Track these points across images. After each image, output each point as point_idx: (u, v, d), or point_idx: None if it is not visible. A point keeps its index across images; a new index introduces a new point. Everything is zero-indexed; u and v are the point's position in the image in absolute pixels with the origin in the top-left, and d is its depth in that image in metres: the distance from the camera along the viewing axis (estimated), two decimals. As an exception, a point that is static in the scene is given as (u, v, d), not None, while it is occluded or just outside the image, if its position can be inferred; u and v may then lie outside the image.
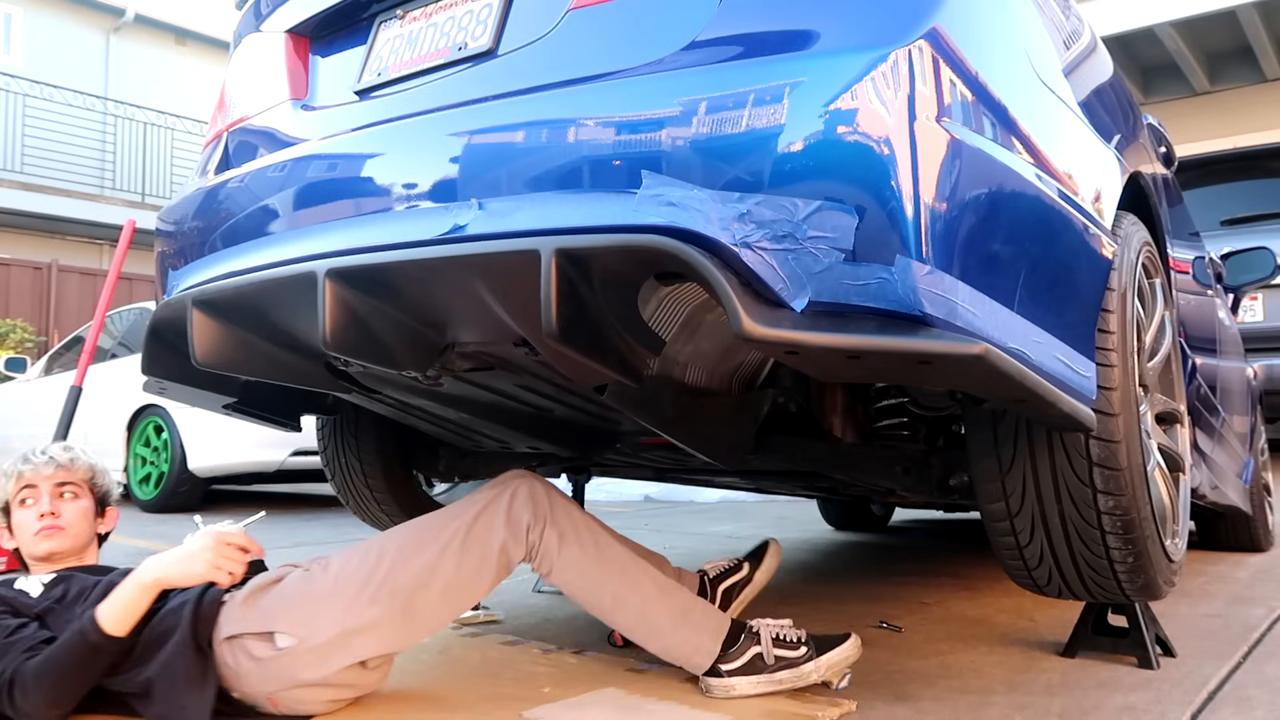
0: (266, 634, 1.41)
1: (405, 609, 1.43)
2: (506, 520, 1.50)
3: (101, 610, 1.34)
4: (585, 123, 1.30)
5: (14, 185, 12.68)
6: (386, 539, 1.50)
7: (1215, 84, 9.58)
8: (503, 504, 1.51)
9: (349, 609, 1.41)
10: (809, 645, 1.57)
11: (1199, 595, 2.52)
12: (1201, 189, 5.34)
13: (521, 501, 1.52)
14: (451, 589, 1.47)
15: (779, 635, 1.57)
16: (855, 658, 1.58)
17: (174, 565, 1.38)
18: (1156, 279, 1.95)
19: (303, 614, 1.41)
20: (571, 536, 1.53)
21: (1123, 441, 1.52)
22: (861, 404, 1.91)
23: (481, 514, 1.50)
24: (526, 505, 1.52)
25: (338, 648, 1.41)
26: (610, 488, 6.33)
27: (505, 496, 1.52)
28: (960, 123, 1.22)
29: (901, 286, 1.13)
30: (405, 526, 1.53)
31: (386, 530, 1.56)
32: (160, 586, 1.38)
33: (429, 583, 1.44)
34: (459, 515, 1.51)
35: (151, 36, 16.40)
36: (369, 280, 1.48)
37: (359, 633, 1.41)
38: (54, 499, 1.63)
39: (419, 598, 1.44)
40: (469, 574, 1.47)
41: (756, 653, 1.54)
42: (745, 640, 1.55)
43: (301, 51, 1.92)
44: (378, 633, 1.43)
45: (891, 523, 4.66)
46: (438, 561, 1.45)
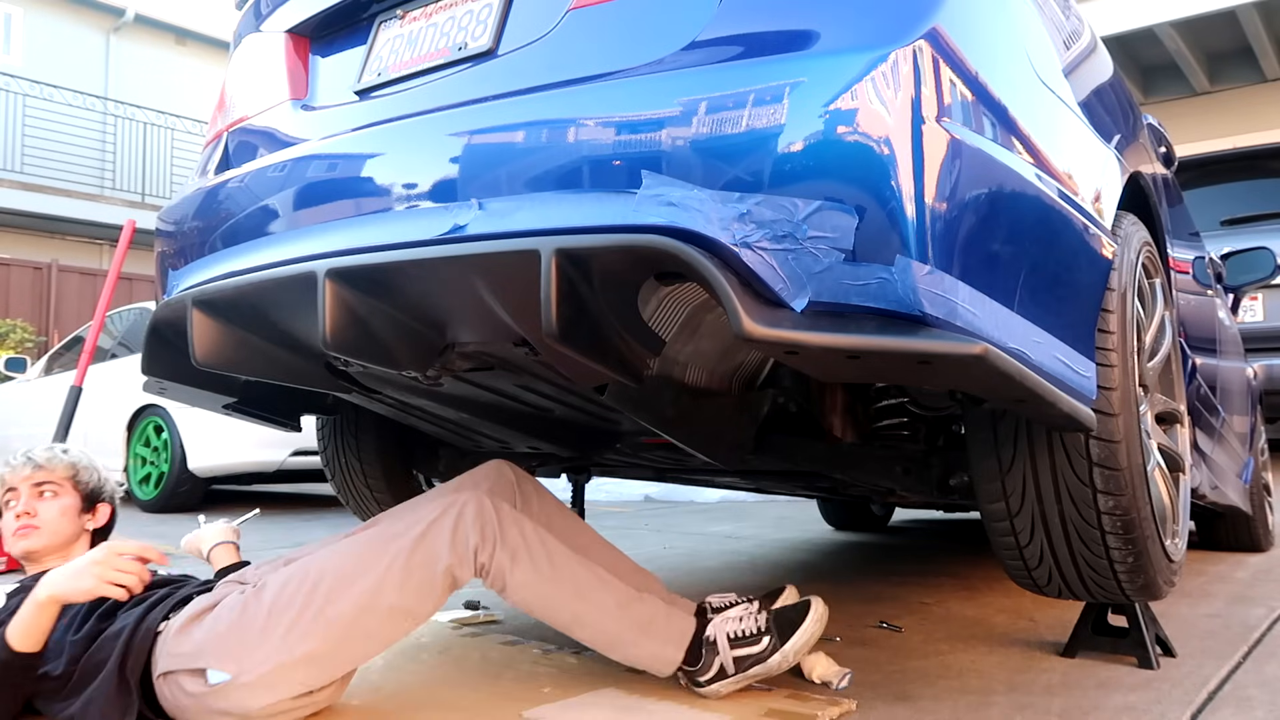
0: (199, 670, 1.34)
1: (343, 638, 1.36)
2: (452, 543, 1.41)
3: (10, 625, 1.31)
4: (585, 123, 1.30)
5: (14, 185, 12.68)
6: (325, 561, 1.41)
7: (1215, 84, 9.58)
8: (448, 524, 1.42)
9: (283, 642, 1.33)
10: (769, 631, 1.51)
11: (1199, 595, 2.52)
12: (1201, 189, 5.35)
13: (469, 522, 1.42)
14: (394, 615, 1.39)
15: (736, 634, 1.50)
16: (820, 631, 1.53)
17: (65, 581, 1.31)
18: (1156, 279, 1.95)
19: (235, 649, 1.33)
20: (524, 556, 1.44)
21: (1123, 441, 1.52)
22: (861, 404, 1.91)
23: (426, 535, 1.41)
24: (474, 526, 1.42)
25: (275, 681, 1.34)
26: (610, 488, 6.34)
27: (452, 515, 1.42)
28: (960, 123, 1.22)
29: (901, 286, 1.13)
30: (344, 545, 1.44)
31: (326, 547, 1.47)
32: (56, 603, 1.31)
33: (369, 609, 1.37)
34: (402, 535, 1.42)
35: (151, 36, 16.41)
36: (369, 280, 1.48)
37: (296, 666, 1.34)
38: (32, 499, 1.62)
39: (358, 625, 1.37)
40: (412, 600, 1.40)
41: (720, 665, 1.50)
42: (707, 655, 1.50)
43: (301, 51, 1.92)
44: (317, 664, 1.36)
45: (891, 523, 4.66)
46: (378, 588, 1.37)
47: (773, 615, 1.53)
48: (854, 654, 1.86)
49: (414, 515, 1.45)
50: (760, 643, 1.50)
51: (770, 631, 1.51)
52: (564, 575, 1.47)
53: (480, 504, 1.44)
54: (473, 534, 1.41)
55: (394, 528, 1.44)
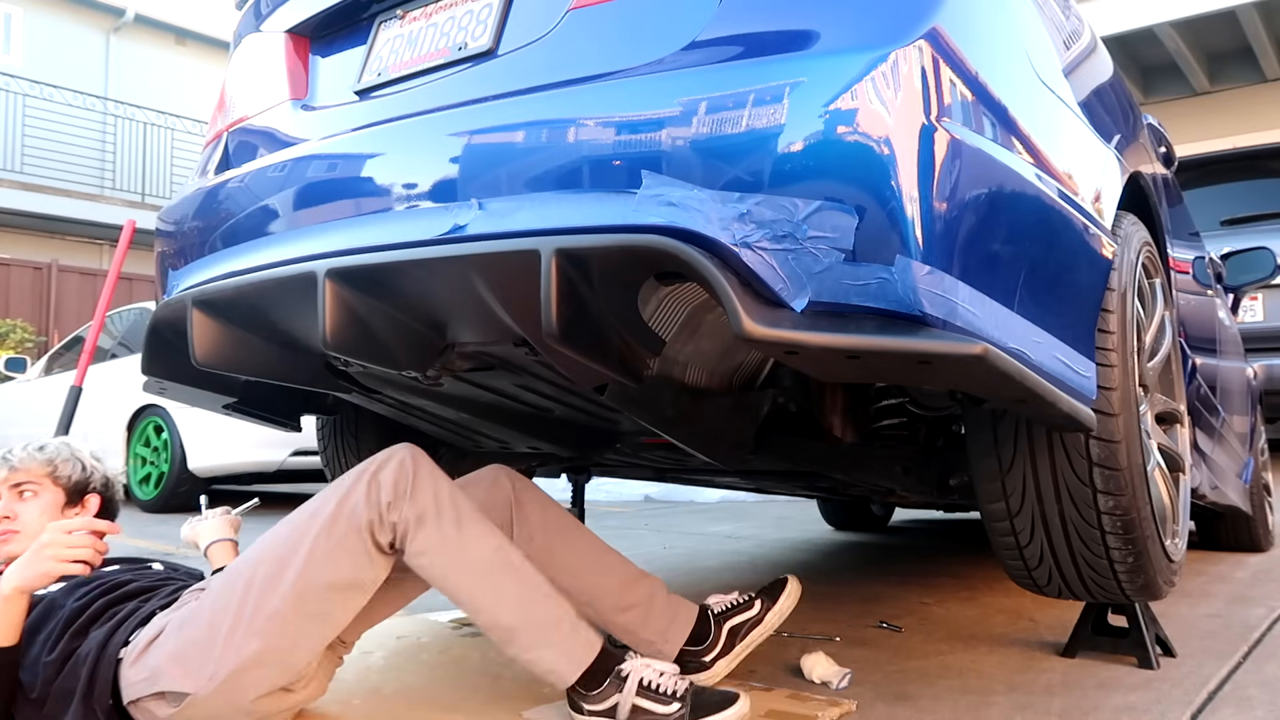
0: (162, 693, 1.30)
1: (290, 628, 1.30)
2: (367, 500, 1.32)
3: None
4: (585, 123, 1.30)
5: (14, 185, 12.68)
6: (255, 553, 1.36)
7: (1215, 84, 9.58)
8: (364, 482, 1.33)
9: (228, 648, 1.29)
10: (684, 703, 1.36)
11: (1199, 595, 2.52)
12: (1201, 189, 5.35)
13: (385, 478, 1.33)
14: (335, 591, 1.32)
15: (651, 684, 1.37)
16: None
17: (23, 570, 1.28)
18: (1156, 279, 1.95)
19: (187, 664, 1.29)
20: (430, 520, 1.33)
21: (1123, 441, 1.52)
22: (861, 404, 1.91)
23: (346, 499, 1.33)
24: (389, 483, 1.32)
25: (234, 688, 1.30)
26: (610, 488, 6.34)
27: (369, 471, 1.34)
28: (960, 123, 1.22)
29: (901, 286, 1.13)
30: (271, 535, 1.38)
31: (258, 540, 1.40)
32: (22, 593, 1.28)
33: (306, 593, 1.30)
34: (324, 506, 1.34)
35: (151, 36, 16.40)
36: (369, 280, 1.48)
37: (249, 669, 1.29)
38: (11, 501, 1.59)
39: (301, 611, 1.30)
40: (347, 570, 1.32)
41: (615, 704, 1.36)
42: (609, 685, 1.37)
43: (301, 51, 1.92)
44: (272, 662, 1.31)
45: (891, 523, 4.66)
46: (309, 567, 1.30)
47: (693, 692, 1.39)
48: (854, 654, 1.86)
49: (336, 485, 1.37)
50: (669, 706, 1.36)
51: (685, 703, 1.37)
52: (470, 550, 1.36)
53: (400, 461, 1.35)
54: (385, 490, 1.33)
55: (313, 505, 1.37)
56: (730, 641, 1.64)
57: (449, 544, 1.34)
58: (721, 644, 1.63)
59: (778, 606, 1.69)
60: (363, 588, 1.35)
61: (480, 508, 1.54)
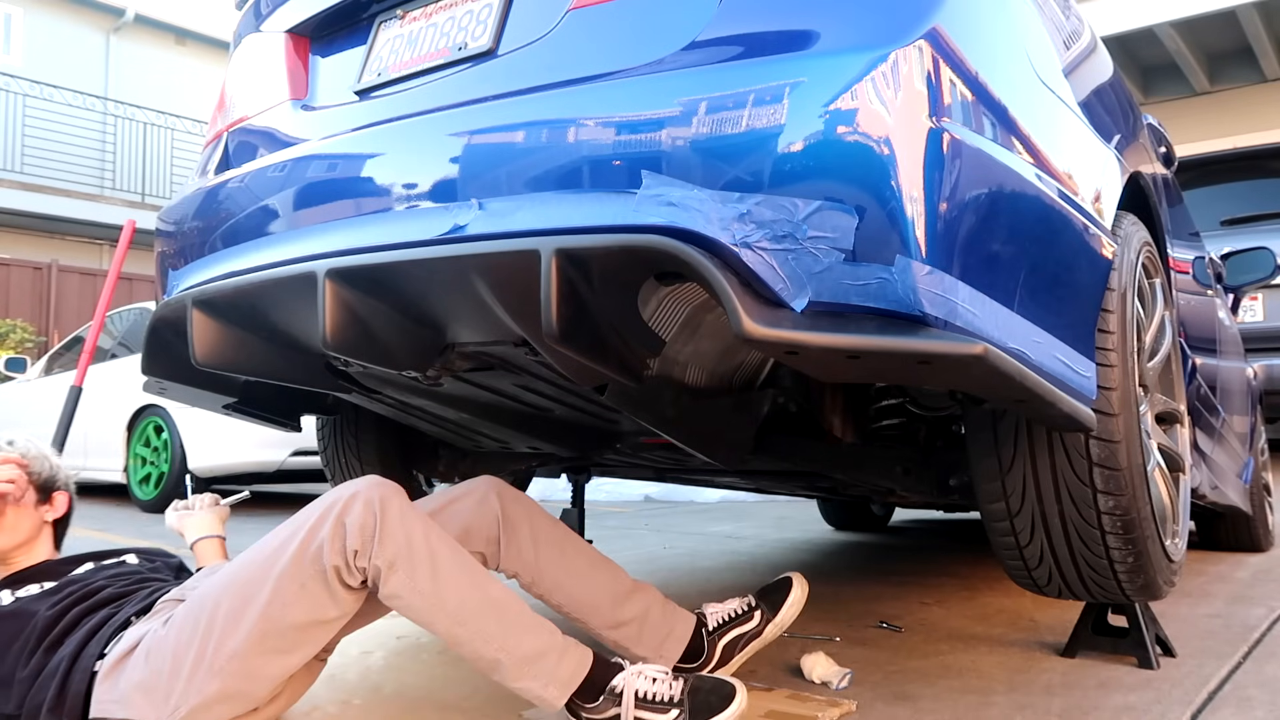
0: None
1: (252, 666, 1.29)
2: (332, 548, 1.28)
3: None
4: (585, 123, 1.30)
5: (14, 185, 12.68)
6: (217, 589, 1.32)
7: (1215, 84, 9.58)
8: (328, 527, 1.29)
9: (191, 685, 1.28)
10: (681, 707, 1.34)
11: (1199, 595, 2.52)
12: (1201, 189, 5.35)
13: (354, 519, 1.28)
14: (301, 628, 1.29)
15: (647, 694, 1.35)
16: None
17: None
18: (1156, 279, 1.95)
19: (151, 696, 1.29)
20: (402, 566, 1.30)
21: (1123, 441, 1.52)
22: (861, 404, 1.91)
23: (309, 541, 1.28)
24: (355, 524, 1.28)
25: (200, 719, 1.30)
26: (610, 488, 6.34)
27: (332, 517, 1.29)
28: (960, 123, 1.22)
29: (901, 286, 1.13)
30: (232, 566, 1.35)
31: (221, 570, 1.39)
32: None
33: (270, 631, 1.28)
34: (286, 544, 1.30)
35: (151, 36, 16.40)
36: (369, 280, 1.48)
37: (212, 705, 1.29)
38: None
39: (265, 647, 1.28)
40: (313, 610, 1.29)
41: (614, 715, 1.34)
42: (605, 701, 1.35)
43: (301, 51, 1.92)
44: (236, 697, 1.30)
45: (891, 523, 4.66)
46: (272, 608, 1.27)
47: (690, 691, 1.36)
48: (854, 654, 1.86)
49: (303, 519, 1.33)
50: (667, 715, 1.34)
51: (682, 707, 1.34)
52: (446, 595, 1.32)
53: (366, 503, 1.30)
54: (352, 537, 1.28)
55: (279, 538, 1.33)
56: (727, 654, 1.63)
57: (423, 591, 1.31)
58: (717, 658, 1.63)
59: (779, 618, 1.66)
60: (330, 623, 1.33)
61: (465, 526, 1.55)
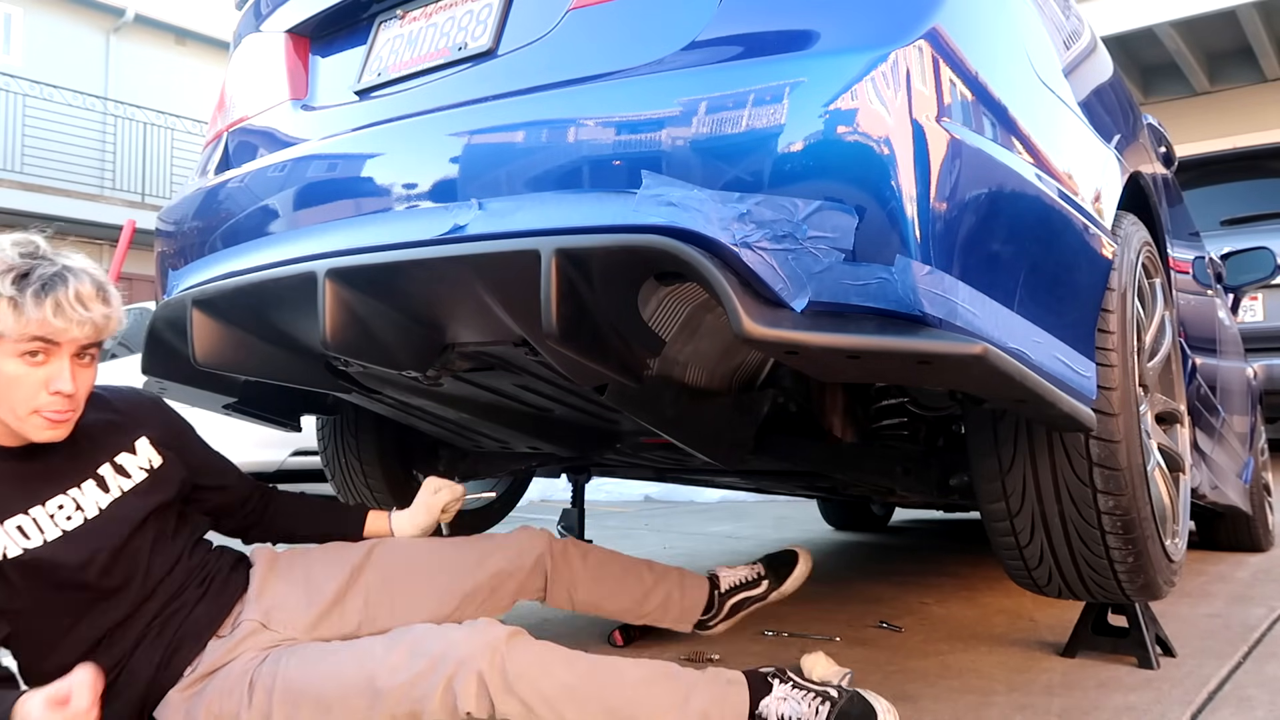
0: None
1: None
2: (441, 701, 1.20)
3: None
4: (585, 123, 1.30)
5: (14, 185, 12.67)
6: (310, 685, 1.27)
7: (1215, 84, 9.58)
8: (438, 682, 1.20)
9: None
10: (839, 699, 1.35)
11: (1199, 595, 2.52)
12: (1201, 189, 5.34)
13: (464, 688, 1.19)
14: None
15: (790, 718, 1.32)
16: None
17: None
18: (1156, 279, 1.95)
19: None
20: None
21: (1123, 441, 1.52)
22: (861, 404, 1.91)
23: (412, 687, 1.21)
24: (468, 695, 1.19)
25: None
26: (610, 488, 6.33)
27: (444, 672, 1.20)
28: (960, 123, 1.22)
29: (901, 286, 1.13)
30: (331, 667, 1.29)
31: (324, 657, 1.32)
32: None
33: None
34: (380, 682, 1.22)
35: (151, 36, 16.40)
36: (369, 280, 1.48)
37: None
38: (76, 367, 1.27)
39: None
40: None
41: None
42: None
43: (301, 51, 1.92)
44: None
45: (891, 523, 4.66)
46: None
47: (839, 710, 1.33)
48: (854, 654, 1.86)
49: (409, 647, 1.26)
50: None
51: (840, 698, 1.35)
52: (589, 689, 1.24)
53: (479, 676, 1.20)
54: (463, 702, 1.20)
55: (389, 660, 1.25)
56: (733, 612, 1.89)
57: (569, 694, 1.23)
58: (724, 614, 1.89)
59: (783, 588, 1.92)
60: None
61: (505, 571, 1.60)
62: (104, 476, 1.36)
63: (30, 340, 1.22)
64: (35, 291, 1.21)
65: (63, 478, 1.32)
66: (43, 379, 1.24)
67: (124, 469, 1.39)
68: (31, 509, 1.28)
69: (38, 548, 1.26)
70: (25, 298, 1.21)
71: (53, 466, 1.32)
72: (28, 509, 1.28)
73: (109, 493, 1.35)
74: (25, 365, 1.23)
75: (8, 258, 1.24)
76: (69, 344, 1.25)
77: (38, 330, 1.22)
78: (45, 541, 1.27)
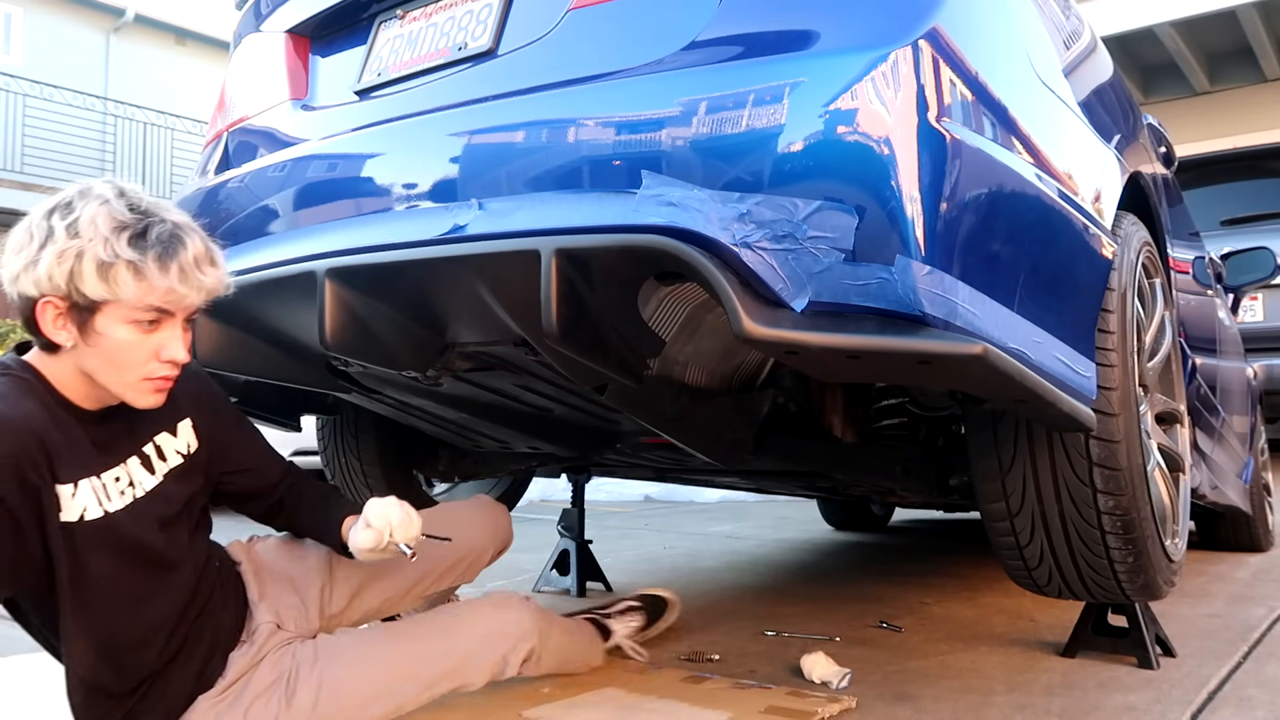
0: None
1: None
2: (485, 670, 1.44)
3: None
4: (585, 123, 1.30)
5: (14, 185, 12.67)
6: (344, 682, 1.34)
7: (1215, 84, 9.58)
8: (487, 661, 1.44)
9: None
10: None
11: (1199, 595, 2.52)
12: (1201, 189, 5.34)
13: (515, 658, 1.47)
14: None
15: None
16: None
17: None
18: (1156, 279, 1.95)
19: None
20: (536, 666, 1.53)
21: (1123, 441, 1.52)
22: (861, 404, 1.91)
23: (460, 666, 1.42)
24: (516, 662, 1.47)
25: None
26: (610, 488, 6.33)
27: (495, 653, 1.45)
28: (960, 123, 1.22)
29: (901, 286, 1.13)
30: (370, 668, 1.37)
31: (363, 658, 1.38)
32: None
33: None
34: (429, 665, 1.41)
35: (151, 36, 16.40)
36: (369, 280, 1.48)
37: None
38: (184, 334, 1.21)
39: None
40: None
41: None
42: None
43: (301, 51, 1.92)
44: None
45: (891, 523, 4.66)
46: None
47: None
48: (854, 654, 1.86)
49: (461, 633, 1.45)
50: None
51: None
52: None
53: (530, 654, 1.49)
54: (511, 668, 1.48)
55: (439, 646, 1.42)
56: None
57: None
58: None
59: (647, 631, 1.95)
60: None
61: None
62: (149, 456, 1.29)
63: (148, 309, 1.14)
64: (158, 255, 1.12)
65: (120, 450, 1.25)
66: (154, 347, 1.16)
67: (163, 450, 1.31)
68: (102, 474, 1.21)
69: (114, 513, 1.20)
70: (148, 263, 1.11)
71: (114, 435, 1.24)
72: (99, 473, 1.20)
73: (153, 475, 1.28)
74: (137, 332, 1.15)
75: (116, 212, 1.13)
76: (183, 311, 1.18)
77: (161, 300, 1.14)
78: (117, 509, 1.21)
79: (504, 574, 2.95)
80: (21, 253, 1.13)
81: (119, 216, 1.13)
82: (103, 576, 1.20)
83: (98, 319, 1.13)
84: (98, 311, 1.12)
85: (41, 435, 1.13)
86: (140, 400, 1.20)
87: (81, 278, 1.10)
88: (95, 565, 1.19)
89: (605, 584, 2.68)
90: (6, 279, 1.15)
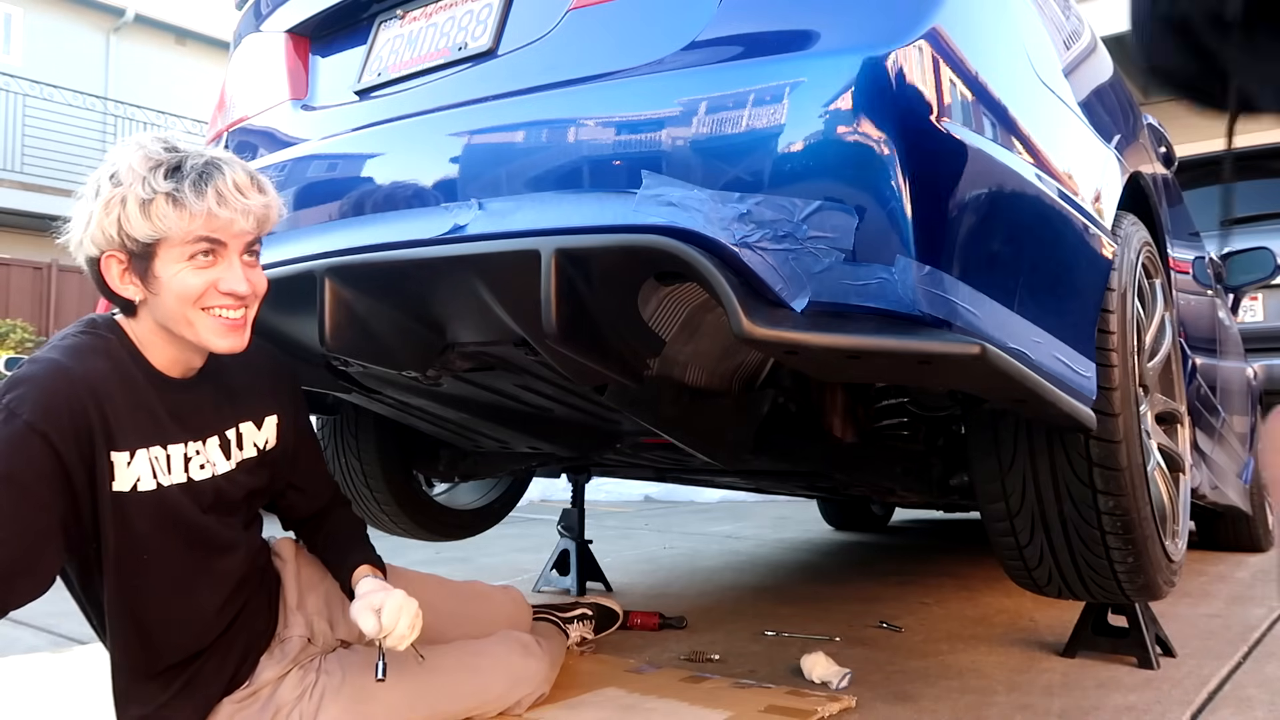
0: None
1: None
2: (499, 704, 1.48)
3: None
4: (585, 123, 1.30)
5: (14, 185, 12.67)
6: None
7: (1215, 84, 9.57)
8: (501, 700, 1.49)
9: None
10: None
11: (1199, 595, 2.52)
12: (1201, 189, 5.34)
13: (526, 700, 1.52)
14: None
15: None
16: None
17: None
18: (1156, 279, 1.95)
19: None
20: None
21: (1123, 441, 1.52)
22: (861, 404, 1.90)
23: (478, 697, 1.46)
24: (528, 702, 1.52)
25: None
26: (610, 488, 6.34)
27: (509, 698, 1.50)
28: (960, 123, 1.22)
29: (901, 286, 1.13)
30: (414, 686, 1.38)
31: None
32: None
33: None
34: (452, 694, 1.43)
35: (151, 36, 16.40)
36: (369, 280, 1.48)
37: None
38: (246, 269, 1.18)
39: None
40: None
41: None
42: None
43: (301, 51, 1.92)
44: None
45: (891, 523, 4.66)
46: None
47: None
48: (854, 654, 1.86)
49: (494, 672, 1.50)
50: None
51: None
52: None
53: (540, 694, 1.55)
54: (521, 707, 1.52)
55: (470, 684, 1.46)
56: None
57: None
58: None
59: (590, 641, 1.99)
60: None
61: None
62: (229, 440, 1.28)
63: (197, 241, 1.13)
64: (194, 183, 1.13)
65: (199, 426, 1.24)
66: (212, 281, 1.16)
67: (243, 439, 1.30)
68: (169, 445, 1.20)
69: (167, 487, 1.19)
70: (184, 190, 1.12)
71: (196, 408, 1.24)
72: (166, 444, 1.20)
73: (228, 460, 1.27)
74: (194, 270, 1.14)
75: (152, 153, 1.15)
76: (235, 240, 1.17)
77: (204, 227, 1.13)
78: (173, 484, 1.20)
79: (505, 574, 2.95)
80: (79, 219, 1.16)
81: (154, 156, 1.15)
82: (148, 550, 1.18)
83: (156, 263, 1.14)
84: (155, 257, 1.14)
85: (101, 397, 1.12)
86: (215, 342, 1.18)
87: (128, 221, 1.12)
88: (142, 539, 1.17)
89: (605, 584, 2.68)
90: (74, 248, 1.17)
